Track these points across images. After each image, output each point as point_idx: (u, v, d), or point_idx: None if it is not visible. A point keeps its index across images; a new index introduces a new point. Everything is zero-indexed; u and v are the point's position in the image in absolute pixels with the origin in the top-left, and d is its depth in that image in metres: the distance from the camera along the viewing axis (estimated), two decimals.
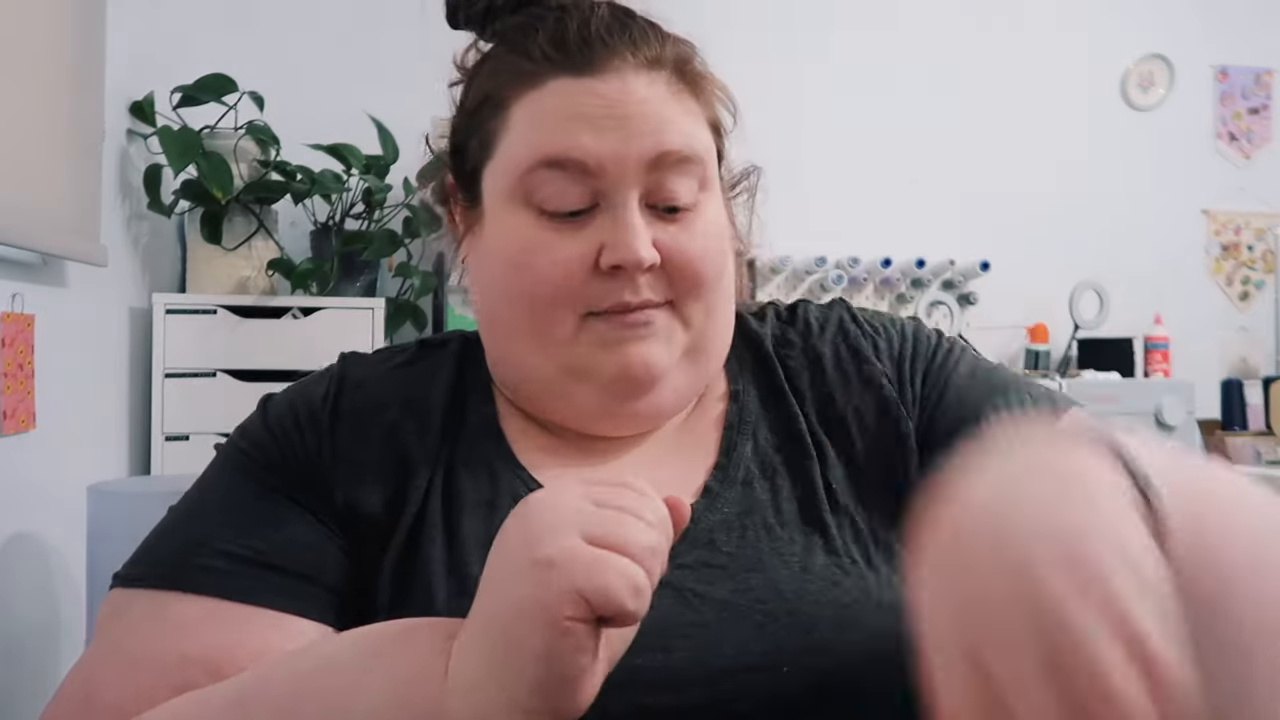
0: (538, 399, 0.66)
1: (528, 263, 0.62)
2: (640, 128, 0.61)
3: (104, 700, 0.55)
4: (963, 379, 0.68)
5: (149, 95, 2.03)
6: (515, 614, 0.43)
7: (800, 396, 0.69)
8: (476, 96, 0.67)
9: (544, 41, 0.62)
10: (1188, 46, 2.98)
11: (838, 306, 0.74)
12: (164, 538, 0.63)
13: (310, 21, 2.47)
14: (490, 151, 0.64)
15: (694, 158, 0.63)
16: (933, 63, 2.79)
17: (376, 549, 0.61)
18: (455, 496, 0.62)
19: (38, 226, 1.45)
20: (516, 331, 0.64)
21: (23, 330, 1.46)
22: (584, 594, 0.42)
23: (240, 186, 2.06)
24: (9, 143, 1.37)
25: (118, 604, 0.60)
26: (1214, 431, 2.72)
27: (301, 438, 0.64)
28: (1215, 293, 3.02)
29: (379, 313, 2.11)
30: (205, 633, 0.56)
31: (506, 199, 0.63)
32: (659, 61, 0.63)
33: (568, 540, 0.43)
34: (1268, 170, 3.04)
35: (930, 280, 2.76)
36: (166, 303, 1.99)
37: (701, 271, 0.63)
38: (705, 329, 0.65)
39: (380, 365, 0.69)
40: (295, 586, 0.59)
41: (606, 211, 0.61)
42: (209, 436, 1.97)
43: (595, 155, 0.60)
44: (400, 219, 2.26)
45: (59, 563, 1.63)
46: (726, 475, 0.65)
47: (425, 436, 0.65)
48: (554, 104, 0.61)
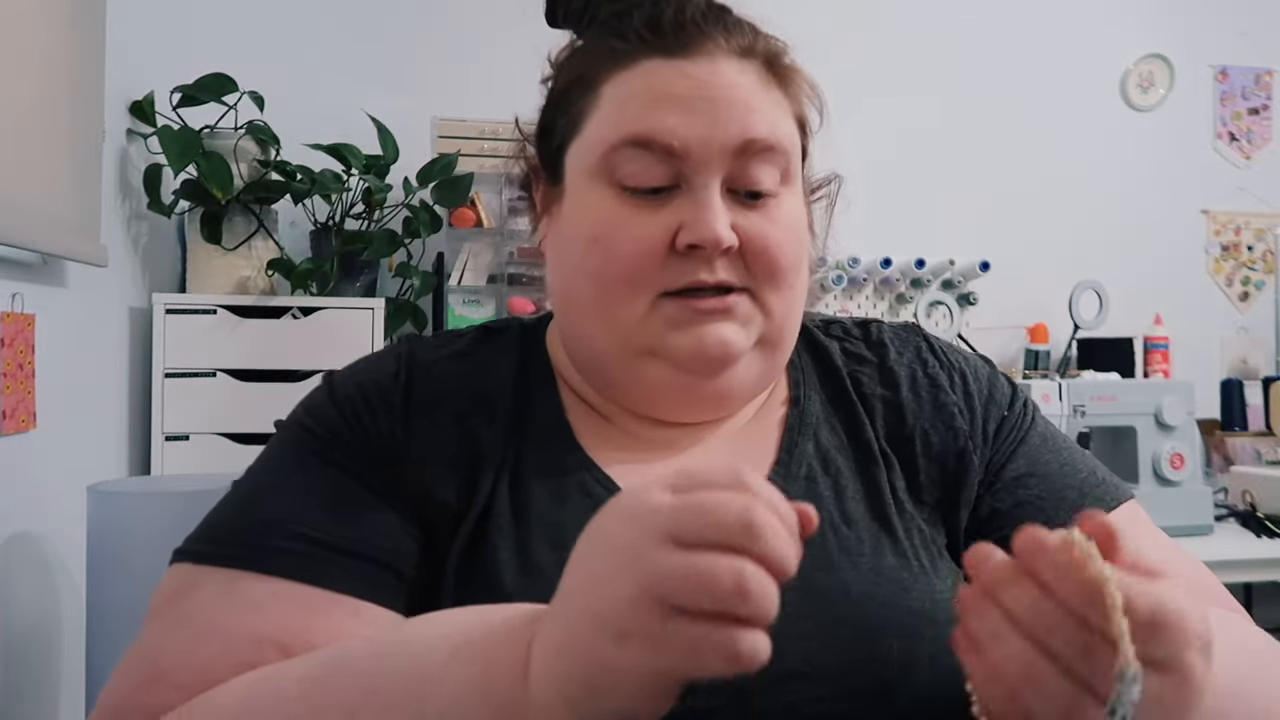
0: (608, 378, 0.66)
1: (606, 237, 0.62)
2: (728, 113, 0.61)
3: (173, 675, 0.54)
4: (1037, 441, 0.70)
5: (149, 95, 2.03)
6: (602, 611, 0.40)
7: (870, 410, 0.69)
8: (568, 77, 0.67)
9: (639, 24, 0.63)
10: (1188, 46, 2.97)
11: (914, 334, 0.75)
12: (235, 516, 0.61)
13: (310, 21, 2.47)
14: (577, 129, 0.65)
15: (778, 147, 0.63)
16: (931, 62, 2.79)
17: (445, 537, 0.61)
18: (523, 487, 0.62)
19: (38, 226, 1.45)
20: (590, 309, 0.64)
21: (23, 330, 1.46)
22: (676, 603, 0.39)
23: (240, 186, 2.06)
24: (9, 143, 1.37)
25: (185, 579, 0.59)
26: (1214, 431, 2.72)
27: (374, 419, 0.63)
28: (1215, 293, 3.02)
29: (379, 313, 2.11)
30: (279, 614, 0.55)
31: (589, 176, 0.64)
32: (751, 51, 0.64)
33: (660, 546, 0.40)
34: (1268, 170, 3.04)
35: (930, 280, 2.76)
36: (166, 303, 1.99)
37: (778, 259, 0.63)
38: (784, 317, 0.65)
39: (444, 350, 0.68)
40: (370, 572, 0.58)
41: (687, 193, 0.62)
42: (209, 436, 1.97)
43: (681, 137, 0.60)
44: (400, 219, 2.26)
45: (59, 563, 1.63)
46: (789, 471, 0.66)
47: (494, 426, 0.64)
48: (644, 84, 0.62)
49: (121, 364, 1.97)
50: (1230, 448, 2.68)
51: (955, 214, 2.79)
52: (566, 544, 0.59)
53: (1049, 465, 0.68)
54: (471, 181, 2.29)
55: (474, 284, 2.42)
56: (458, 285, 2.41)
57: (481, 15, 2.53)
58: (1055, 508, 0.65)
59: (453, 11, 2.52)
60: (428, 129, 2.42)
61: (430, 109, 2.45)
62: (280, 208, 2.20)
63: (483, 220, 2.41)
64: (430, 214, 2.28)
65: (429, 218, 2.27)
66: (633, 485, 0.43)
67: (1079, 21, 2.91)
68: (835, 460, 0.67)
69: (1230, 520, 2.23)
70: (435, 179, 2.25)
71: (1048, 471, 0.68)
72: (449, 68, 2.51)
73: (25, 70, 1.43)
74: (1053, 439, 0.71)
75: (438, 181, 2.25)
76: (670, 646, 0.38)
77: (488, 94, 2.49)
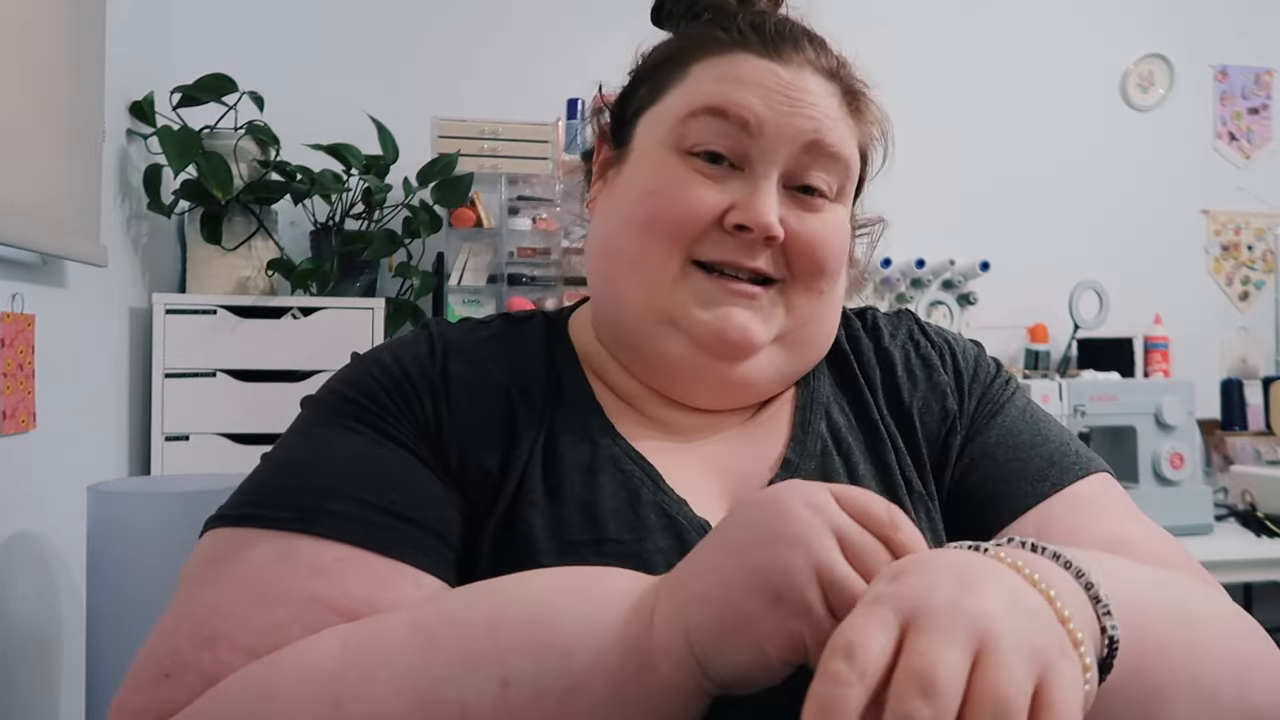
0: (631, 344, 0.67)
1: (662, 192, 0.64)
2: (806, 112, 0.64)
3: (235, 637, 0.51)
4: (1014, 413, 0.71)
5: (149, 95, 2.03)
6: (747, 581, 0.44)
7: (873, 389, 0.71)
8: (660, 55, 0.70)
9: (742, 23, 0.66)
10: (1188, 46, 2.98)
11: (907, 319, 0.77)
12: (280, 481, 0.59)
13: (310, 21, 2.47)
14: (658, 97, 0.67)
15: (842, 159, 0.66)
16: (931, 62, 2.79)
17: (483, 511, 0.61)
18: (556, 461, 0.63)
19: (38, 226, 1.45)
20: (628, 262, 0.65)
21: (23, 330, 1.46)
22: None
23: (240, 186, 2.06)
24: (9, 143, 1.37)
25: (229, 543, 0.56)
26: (1214, 431, 2.72)
27: (415, 393, 0.63)
28: (1215, 293, 3.02)
29: (379, 313, 2.11)
30: (341, 578, 0.54)
31: (659, 142, 0.65)
32: (835, 75, 0.67)
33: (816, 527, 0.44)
34: (1268, 170, 3.04)
35: (930, 280, 2.76)
36: (166, 303, 1.99)
37: (822, 259, 0.65)
38: (808, 320, 0.67)
39: (472, 333, 0.69)
40: (427, 542, 0.57)
41: (748, 176, 0.64)
42: (209, 436, 1.97)
43: (757, 115, 0.63)
44: (400, 219, 2.26)
45: (59, 563, 1.63)
46: (804, 448, 0.67)
47: (529, 403, 0.65)
48: (734, 69, 0.65)
49: (121, 364, 1.97)
50: (1230, 447, 2.68)
51: (955, 214, 2.79)
52: (599, 519, 0.60)
53: (1020, 436, 0.69)
54: (471, 181, 2.29)
55: (474, 284, 2.42)
56: (458, 285, 2.41)
57: (481, 15, 2.53)
58: (1020, 475, 0.66)
59: (453, 11, 2.52)
60: (428, 129, 2.42)
61: (430, 109, 2.45)
62: (280, 208, 2.20)
63: (483, 220, 2.41)
64: (430, 214, 2.28)
65: (429, 218, 2.27)
66: (800, 485, 0.47)
67: (1079, 21, 2.91)
68: (846, 440, 0.68)
69: (1230, 520, 2.23)
70: (435, 179, 2.25)
71: (1019, 442, 0.68)
72: (449, 68, 2.51)
73: (25, 70, 1.43)
74: (1030, 413, 0.72)
75: (438, 181, 2.25)
76: (813, 624, 0.42)
77: (488, 94, 2.49)
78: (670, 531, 0.60)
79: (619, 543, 0.59)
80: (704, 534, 0.60)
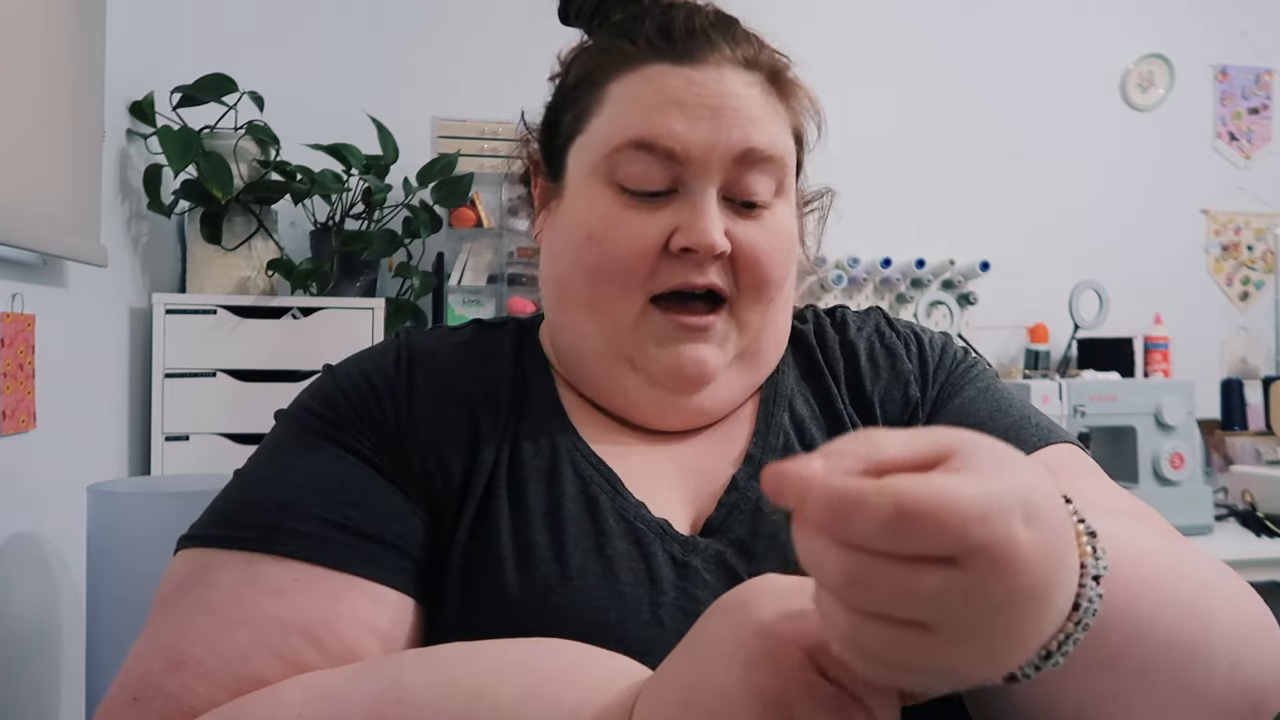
0: (592, 379, 0.68)
1: (602, 235, 0.63)
2: (730, 121, 0.63)
3: (201, 663, 0.53)
4: (974, 393, 0.70)
5: (149, 95, 2.03)
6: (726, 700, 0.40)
7: (836, 380, 0.71)
8: (575, 75, 0.69)
9: (649, 30, 0.65)
10: (1188, 46, 2.97)
11: (874, 313, 0.77)
12: (246, 500, 0.60)
13: (310, 21, 2.47)
14: (581, 127, 0.66)
15: (776, 159, 0.65)
16: (931, 62, 2.79)
17: (450, 520, 0.61)
18: (519, 468, 0.63)
19: (38, 226, 1.45)
20: (583, 305, 0.65)
21: (23, 330, 1.46)
22: None
23: (240, 186, 2.06)
24: (9, 143, 1.37)
25: (198, 564, 0.58)
26: (1214, 431, 2.72)
27: (379, 404, 0.64)
28: (1215, 293, 3.02)
29: (379, 313, 2.11)
30: (303, 600, 0.55)
31: (590, 174, 0.65)
32: (755, 63, 0.66)
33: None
34: (1268, 170, 3.04)
35: (930, 280, 2.76)
36: (166, 303, 1.99)
37: (768, 269, 0.65)
38: (760, 332, 0.67)
39: (442, 340, 0.70)
40: (386, 556, 0.58)
41: (685, 197, 0.63)
42: (209, 436, 1.97)
43: (684, 142, 0.62)
44: (400, 219, 2.26)
45: (59, 563, 1.63)
46: (766, 443, 0.67)
47: (494, 410, 0.66)
48: (650, 88, 0.63)
49: (121, 364, 1.97)
50: (1230, 447, 2.68)
51: (955, 214, 2.79)
52: (560, 525, 0.61)
53: (979, 414, 0.68)
54: (471, 181, 2.29)
55: (474, 284, 2.42)
56: (458, 285, 2.41)
57: (481, 15, 2.53)
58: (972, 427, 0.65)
59: (453, 11, 2.52)
60: (428, 129, 2.42)
61: (430, 109, 2.46)
62: (280, 208, 2.20)
63: (483, 220, 2.41)
64: (430, 214, 2.28)
65: (429, 218, 2.27)
66: (767, 595, 0.41)
67: (1079, 21, 2.91)
68: (810, 430, 0.68)
69: (1230, 520, 2.23)
70: (435, 179, 2.25)
71: (977, 420, 0.67)
72: (449, 68, 2.51)
73: (25, 70, 1.43)
74: (993, 392, 0.71)
75: (438, 181, 2.25)
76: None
77: (488, 94, 2.49)
78: (630, 536, 0.61)
79: (581, 549, 0.60)
80: (662, 535, 0.62)
